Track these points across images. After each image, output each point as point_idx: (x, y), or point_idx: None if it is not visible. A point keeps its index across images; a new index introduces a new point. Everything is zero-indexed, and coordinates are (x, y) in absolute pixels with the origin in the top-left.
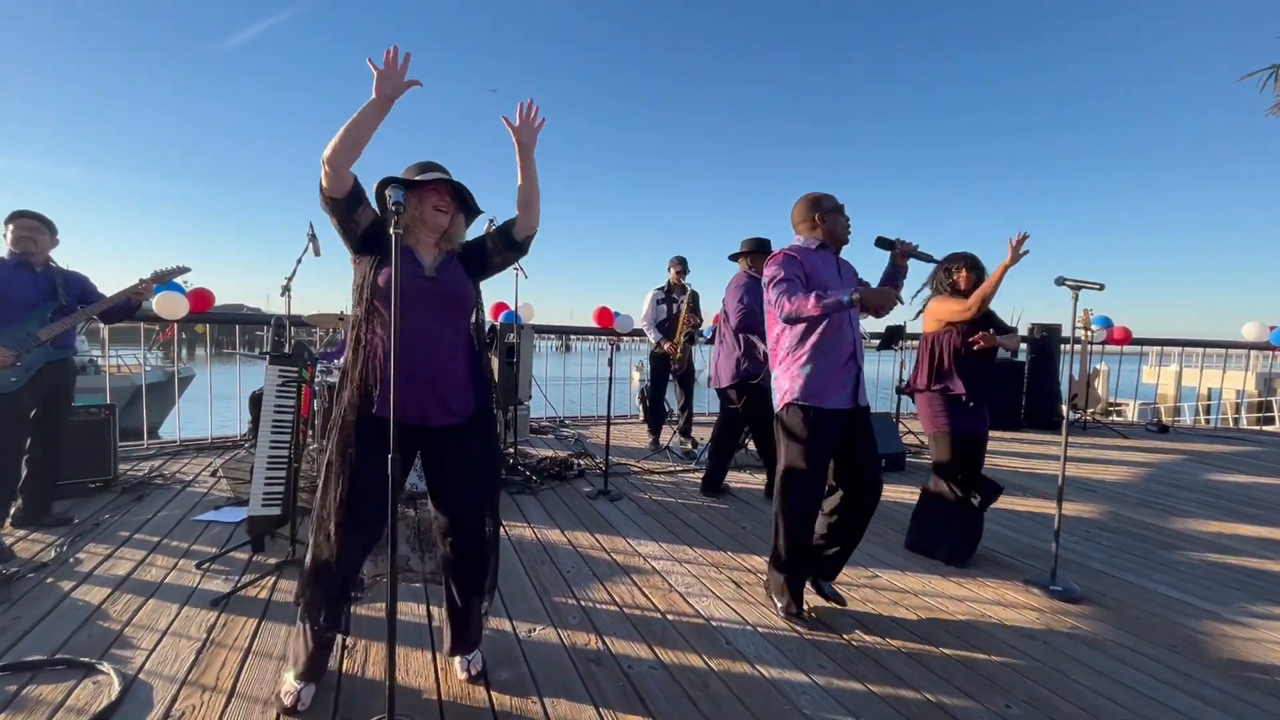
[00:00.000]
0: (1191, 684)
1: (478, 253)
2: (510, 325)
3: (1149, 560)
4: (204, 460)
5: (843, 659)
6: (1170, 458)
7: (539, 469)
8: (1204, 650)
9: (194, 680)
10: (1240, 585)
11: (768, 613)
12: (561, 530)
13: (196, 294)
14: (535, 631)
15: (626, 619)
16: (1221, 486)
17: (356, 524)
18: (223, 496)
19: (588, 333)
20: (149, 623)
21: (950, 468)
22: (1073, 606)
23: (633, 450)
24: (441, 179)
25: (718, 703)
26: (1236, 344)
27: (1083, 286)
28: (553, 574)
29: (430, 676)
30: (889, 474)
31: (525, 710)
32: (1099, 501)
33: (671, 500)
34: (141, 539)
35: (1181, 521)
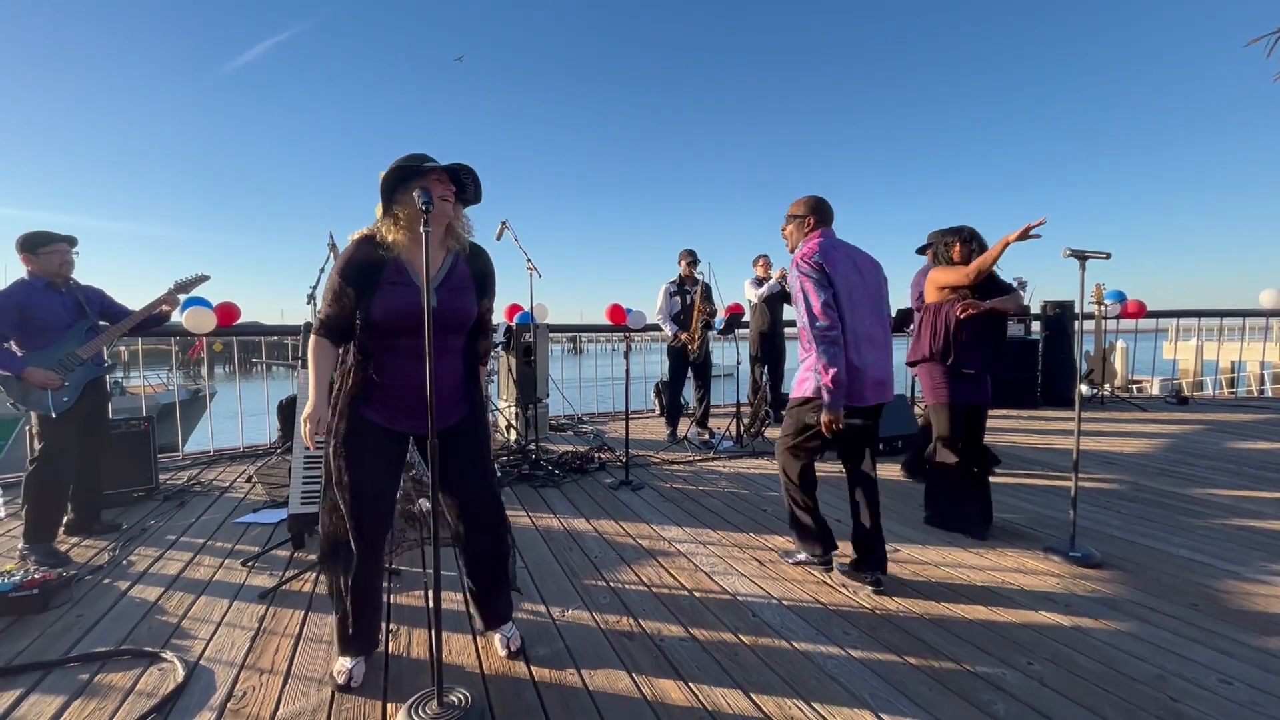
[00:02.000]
0: (1213, 639)
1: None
2: (526, 325)
3: (1169, 526)
4: (238, 468)
5: (867, 627)
6: (1190, 428)
7: (560, 463)
8: (1225, 607)
9: (251, 664)
10: (1261, 546)
11: (792, 587)
12: (587, 519)
13: (224, 308)
14: (568, 612)
15: (655, 598)
16: (1243, 454)
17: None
18: (260, 500)
19: (600, 330)
20: (203, 616)
21: (952, 440)
22: (1092, 571)
23: (651, 443)
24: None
25: (748, 670)
26: (1255, 312)
27: (1090, 256)
28: (581, 559)
29: (472, 655)
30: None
31: (565, 680)
32: (1118, 472)
33: (692, 488)
34: (187, 541)
35: (1202, 489)
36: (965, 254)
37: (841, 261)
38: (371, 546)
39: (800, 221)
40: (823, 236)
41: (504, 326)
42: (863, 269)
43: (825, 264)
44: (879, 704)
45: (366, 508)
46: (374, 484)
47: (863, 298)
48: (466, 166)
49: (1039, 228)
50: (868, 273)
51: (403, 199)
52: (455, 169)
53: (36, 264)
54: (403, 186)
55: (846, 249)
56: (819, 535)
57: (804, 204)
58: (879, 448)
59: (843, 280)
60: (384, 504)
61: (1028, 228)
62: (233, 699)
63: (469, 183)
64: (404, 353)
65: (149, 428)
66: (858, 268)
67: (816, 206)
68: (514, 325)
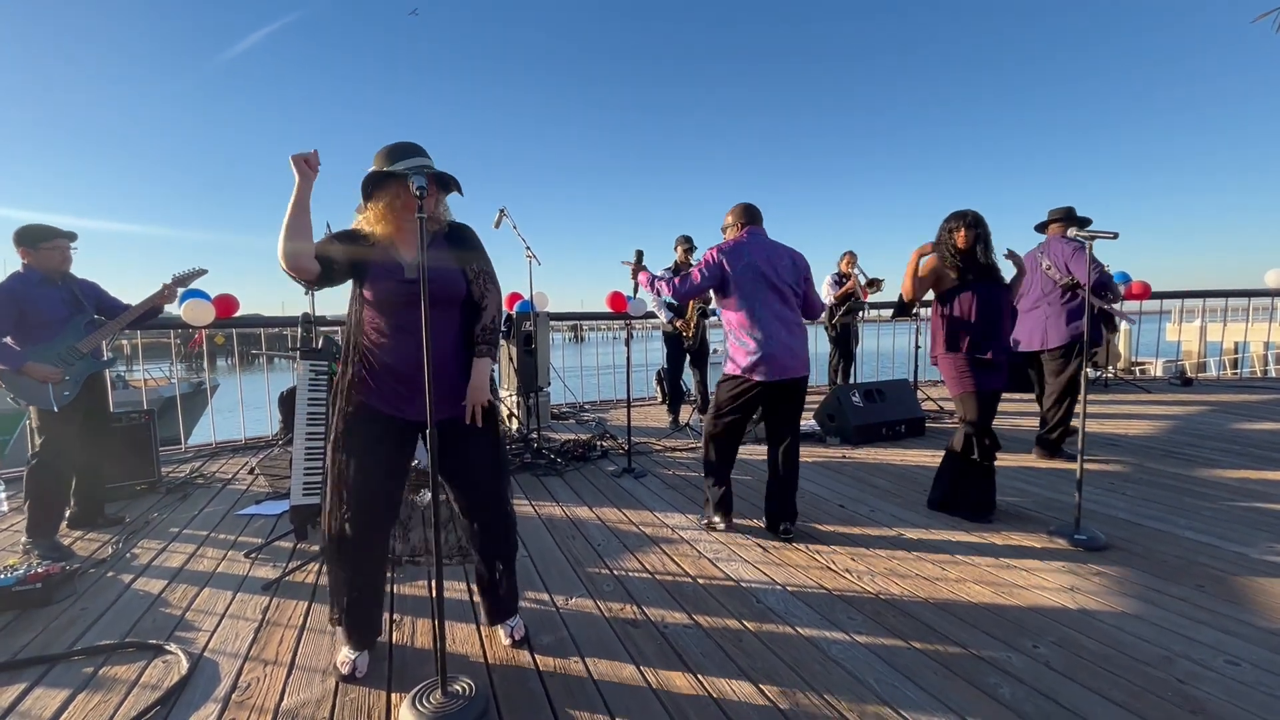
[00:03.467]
0: (1219, 619)
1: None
2: (526, 314)
3: (1174, 508)
4: (240, 460)
5: (871, 611)
6: (1194, 409)
7: (563, 451)
8: (1232, 589)
9: (255, 656)
10: (1268, 527)
11: (795, 573)
12: (589, 507)
13: (222, 300)
14: (572, 600)
15: (659, 585)
16: (1248, 434)
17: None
18: (262, 492)
19: (601, 318)
20: (207, 608)
21: (979, 423)
22: (1098, 554)
23: (653, 430)
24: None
25: (752, 655)
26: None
27: (1097, 237)
28: (584, 547)
29: (476, 644)
30: (910, 438)
31: (568, 669)
32: (1123, 455)
33: (695, 475)
34: (190, 534)
35: (1207, 470)
36: (970, 239)
37: (752, 254)
38: (374, 537)
39: (734, 225)
40: (746, 235)
41: (504, 315)
42: (776, 261)
43: (725, 258)
44: (884, 689)
45: (369, 497)
46: (377, 473)
47: (773, 284)
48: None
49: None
50: (781, 264)
51: (379, 194)
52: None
53: (34, 258)
54: (380, 181)
55: (765, 245)
56: (726, 504)
57: (733, 212)
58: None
59: (747, 269)
60: (388, 494)
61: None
62: (237, 690)
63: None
64: (397, 330)
65: (150, 421)
66: (771, 260)
67: (743, 212)
68: (514, 314)
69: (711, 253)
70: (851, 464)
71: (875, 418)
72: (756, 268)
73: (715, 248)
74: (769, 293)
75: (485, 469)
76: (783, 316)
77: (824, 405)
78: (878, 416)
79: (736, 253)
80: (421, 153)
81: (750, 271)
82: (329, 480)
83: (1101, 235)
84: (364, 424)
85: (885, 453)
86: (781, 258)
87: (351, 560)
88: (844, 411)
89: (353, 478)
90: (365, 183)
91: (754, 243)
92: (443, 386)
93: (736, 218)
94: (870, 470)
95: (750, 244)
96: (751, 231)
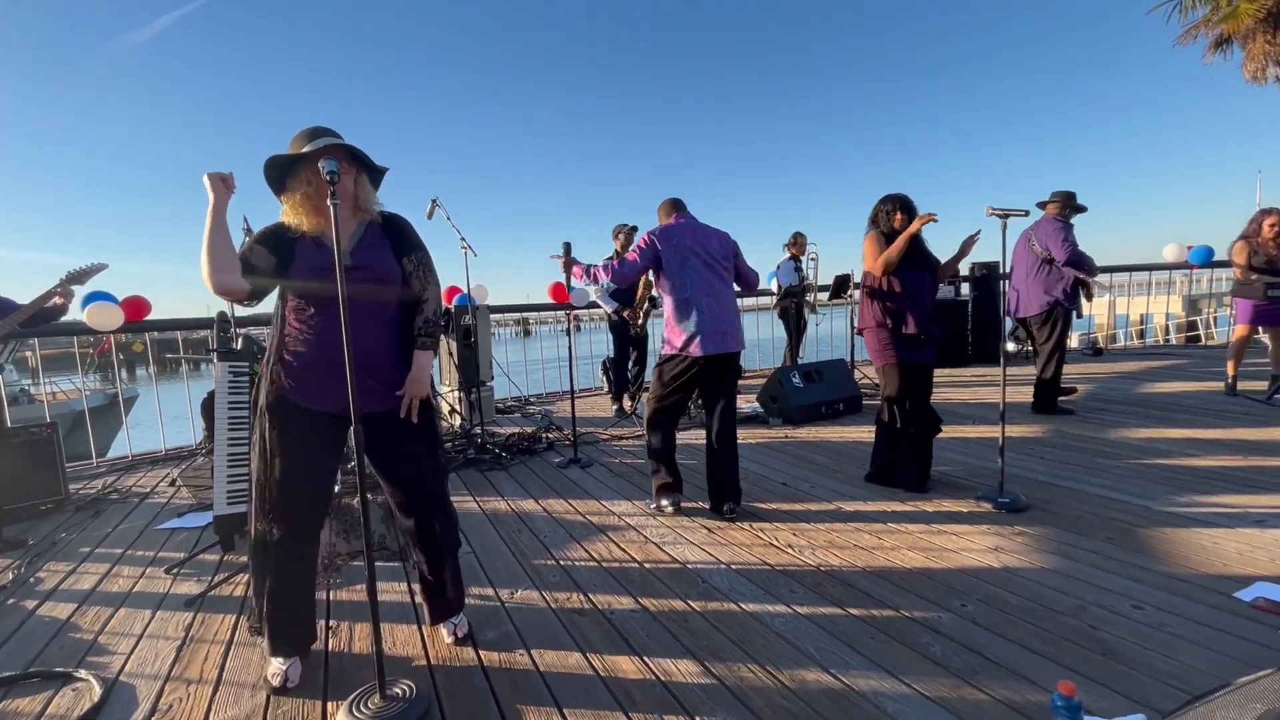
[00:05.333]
0: (1126, 568)
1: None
2: (464, 307)
3: (1086, 468)
4: (160, 472)
5: (812, 583)
6: (1105, 377)
7: (507, 445)
8: (1137, 539)
9: (178, 675)
10: (1168, 481)
11: (739, 551)
12: (536, 500)
13: (131, 302)
14: (517, 594)
15: (606, 572)
16: (1151, 397)
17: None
18: (185, 504)
19: (544, 309)
20: (123, 629)
21: (900, 398)
22: (1020, 514)
23: (600, 420)
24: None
25: (697, 635)
26: (1159, 266)
27: (1010, 214)
28: (530, 540)
29: (417, 645)
30: (848, 415)
31: (514, 663)
32: (1041, 422)
33: (642, 462)
34: (104, 553)
35: (1115, 431)
36: (905, 221)
37: (682, 236)
38: (302, 539)
39: (665, 215)
40: (676, 220)
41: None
42: (706, 241)
43: (658, 239)
44: (824, 657)
45: (295, 497)
46: (303, 471)
47: (706, 261)
48: (353, 146)
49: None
50: (711, 244)
51: (292, 185)
52: (345, 147)
53: None
54: (291, 171)
55: (694, 227)
56: (673, 486)
57: (663, 207)
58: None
59: (679, 248)
60: (316, 492)
61: (926, 218)
62: (157, 713)
63: (361, 155)
64: (325, 321)
65: (52, 434)
66: (700, 240)
67: (672, 204)
68: (453, 307)
69: (645, 235)
70: (793, 443)
71: (815, 398)
72: (688, 247)
73: (649, 231)
74: (701, 270)
75: (423, 466)
76: (715, 293)
77: (766, 387)
78: (817, 396)
79: (668, 235)
80: (332, 134)
81: (682, 251)
82: (252, 481)
83: (1014, 213)
84: (288, 420)
85: (825, 430)
86: (710, 238)
87: (277, 564)
88: (785, 393)
89: (277, 477)
90: (272, 173)
91: (684, 226)
92: (378, 380)
93: (666, 209)
94: (811, 448)
95: (681, 227)
96: (681, 217)
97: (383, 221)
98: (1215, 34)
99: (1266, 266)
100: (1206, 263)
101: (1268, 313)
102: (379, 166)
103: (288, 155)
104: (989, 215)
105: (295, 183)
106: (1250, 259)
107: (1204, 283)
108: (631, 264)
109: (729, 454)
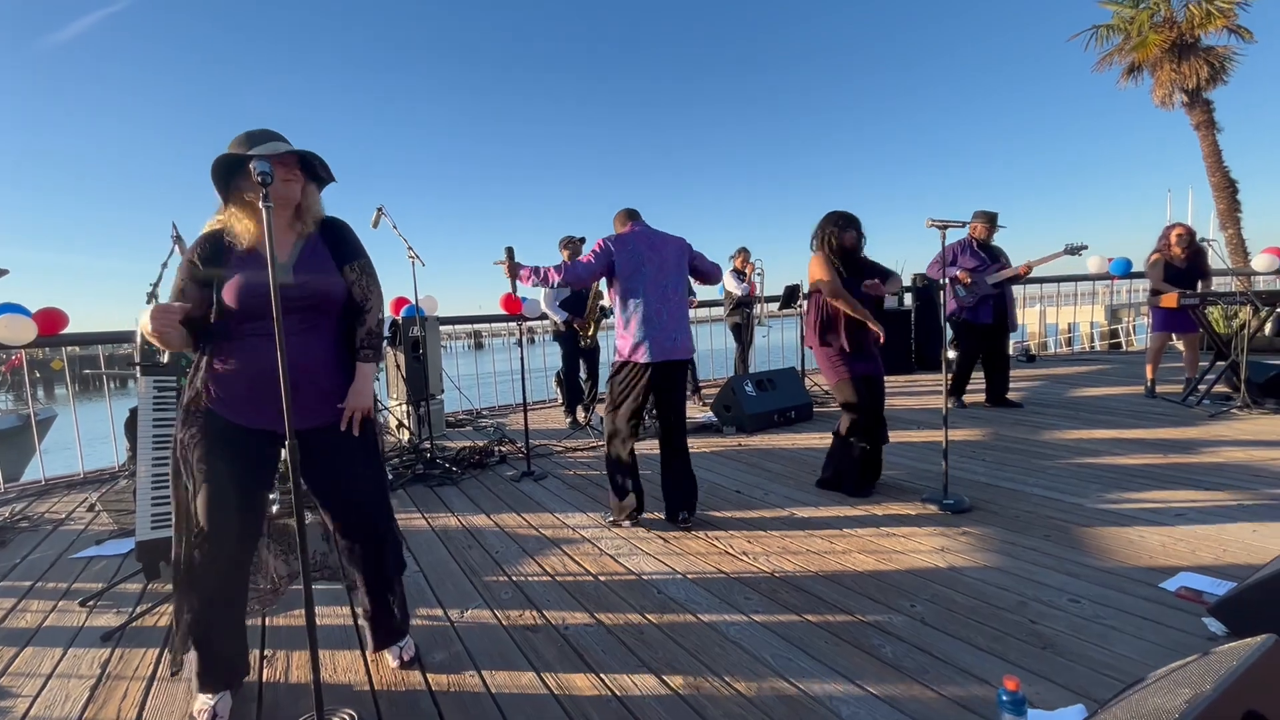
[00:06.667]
0: (1063, 564)
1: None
2: (413, 318)
3: (1024, 469)
4: (78, 496)
5: (767, 590)
6: (1038, 382)
7: (458, 460)
8: (1072, 535)
9: (91, 716)
10: (1097, 479)
11: (695, 560)
12: (487, 514)
13: (45, 314)
14: (467, 613)
15: (560, 586)
16: (1079, 400)
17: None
18: (104, 530)
19: (495, 320)
20: (29, 669)
21: (857, 406)
22: (964, 515)
23: (554, 432)
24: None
25: (653, 647)
26: (1084, 277)
27: (949, 225)
28: (481, 556)
29: (360, 671)
30: (800, 423)
31: (464, 685)
32: (981, 425)
33: (596, 473)
34: (9, 586)
35: (1049, 433)
36: (854, 240)
37: (636, 243)
38: (230, 564)
39: (621, 223)
40: (631, 228)
41: (389, 321)
42: (662, 248)
43: (613, 245)
44: (779, 663)
45: (222, 518)
46: (231, 491)
47: (659, 268)
48: (310, 152)
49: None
50: (668, 250)
51: (243, 185)
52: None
53: None
54: (240, 172)
55: (649, 234)
56: (635, 499)
57: (618, 217)
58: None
59: (633, 255)
60: (245, 514)
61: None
62: None
63: (316, 163)
64: (262, 337)
65: None
66: (656, 248)
67: (627, 213)
68: (401, 319)
69: (601, 241)
70: (747, 451)
71: (768, 406)
72: (642, 254)
73: (604, 238)
74: (654, 278)
75: (364, 487)
76: (667, 301)
77: (719, 396)
78: (770, 404)
79: (623, 241)
80: (278, 138)
81: (637, 257)
82: (174, 502)
83: (952, 224)
84: (215, 435)
85: (778, 438)
86: (666, 244)
87: (204, 591)
88: (739, 401)
89: (203, 497)
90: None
91: (640, 233)
92: (316, 395)
93: (622, 219)
94: (764, 455)
95: (636, 235)
96: (636, 225)
97: (323, 228)
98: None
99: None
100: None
101: (1179, 320)
102: (327, 177)
103: (238, 154)
104: (929, 226)
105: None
106: (1165, 271)
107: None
108: (586, 266)
109: (683, 463)
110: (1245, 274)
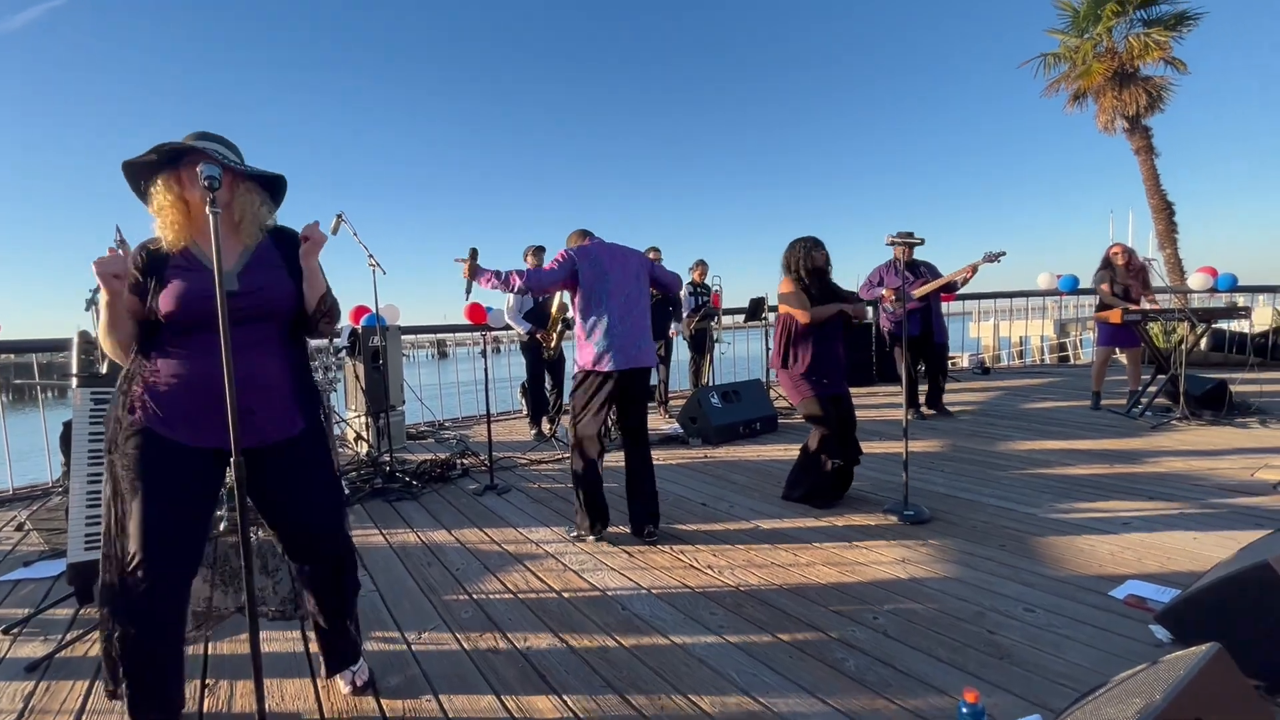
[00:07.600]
0: (1018, 573)
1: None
2: (373, 328)
3: (980, 479)
4: (5, 515)
5: (732, 604)
6: (992, 394)
7: (419, 473)
8: (1026, 545)
9: None
10: (1049, 489)
11: (660, 575)
12: (448, 530)
13: None
14: (425, 634)
15: (522, 604)
16: (1031, 412)
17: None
18: (33, 551)
19: (459, 330)
20: None
21: (824, 419)
22: (924, 526)
23: (518, 444)
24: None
25: (618, 666)
26: (1034, 292)
27: (908, 243)
28: (441, 574)
29: (310, 699)
30: (765, 434)
31: (420, 710)
32: (939, 437)
33: (561, 486)
34: None
35: (1004, 444)
36: (822, 260)
37: (599, 253)
38: (166, 589)
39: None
40: (590, 241)
41: (349, 330)
42: (623, 260)
43: (575, 254)
44: (744, 679)
45: (158, 540)
46: (171, 513)
47: (622, 279)
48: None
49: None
50: (630, 261)
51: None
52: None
53: None
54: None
55: (609, 247)
56: (600, 512)
57: (574, 235)
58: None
59: (594, 265)
60: (184, 538)
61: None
62: None
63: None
64: (204, 349)
65: None
66: (615, 259)
67: (582, 233)
68: (360, 328)
69: (564, 250)
70: (712, 463)
71: (733, 417)
72: (603, 265)
73: (566, 249)
74: (615, 288)
75: (321, 504)
76: (629, 310)
77: (685, 408)
78: (735, 416)
79: (585, 252)
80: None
81: (597, 268)
82: (105, 521)
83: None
84: (149, 451)
85: (743, 450)
86: (628, 256)
87: (136, 618)
88: (704, 413)
89: (135, 520)
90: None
91: (599, 245)
92: (271, 409)
93: (576, 237)
94: (730, 467)
95: (596, 247)
96: (592, 239)
97: (274, 234)
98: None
99: (1123, 295)
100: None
101: (1122, 335)
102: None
103: (146, 158)
104: (888, 244)
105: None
106: (1112, 287)
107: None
108: (550, 273)
109: (647, 476)
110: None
